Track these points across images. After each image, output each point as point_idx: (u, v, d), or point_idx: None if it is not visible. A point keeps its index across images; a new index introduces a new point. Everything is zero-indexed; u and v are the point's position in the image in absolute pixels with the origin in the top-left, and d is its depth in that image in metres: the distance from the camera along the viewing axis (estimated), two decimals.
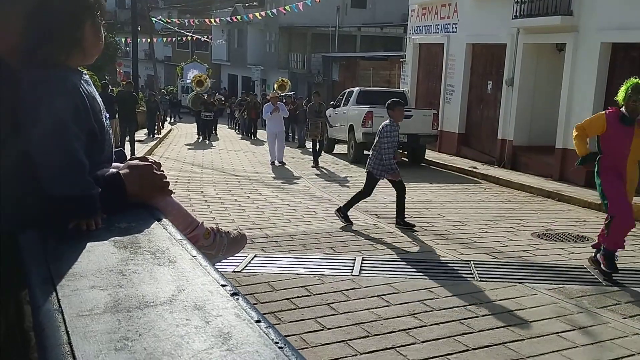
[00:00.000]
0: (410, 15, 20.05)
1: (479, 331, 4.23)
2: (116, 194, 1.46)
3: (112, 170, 1.54)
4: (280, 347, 0.87)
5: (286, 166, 14.36)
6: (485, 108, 15.89)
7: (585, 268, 5.83)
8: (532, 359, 3.78)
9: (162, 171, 1.62)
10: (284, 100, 22.19)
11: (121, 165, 1.61)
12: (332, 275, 5.48)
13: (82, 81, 1.53)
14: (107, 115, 1.64)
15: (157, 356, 0.83)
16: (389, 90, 19.48)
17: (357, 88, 17.66)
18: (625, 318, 4.49)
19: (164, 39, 45.34)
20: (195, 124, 25.11)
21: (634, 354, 3.85)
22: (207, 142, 21.73)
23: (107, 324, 0.92)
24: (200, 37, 41.55)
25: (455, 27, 16.90)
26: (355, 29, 35.50)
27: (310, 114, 15.45)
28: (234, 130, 28.21)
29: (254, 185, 11.34)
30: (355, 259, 5.99)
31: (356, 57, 31.31)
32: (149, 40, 37.79)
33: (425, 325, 4.33)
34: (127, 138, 15.57)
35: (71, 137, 1.43)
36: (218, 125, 25.72)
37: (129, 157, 1.77)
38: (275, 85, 25.48)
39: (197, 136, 23.32)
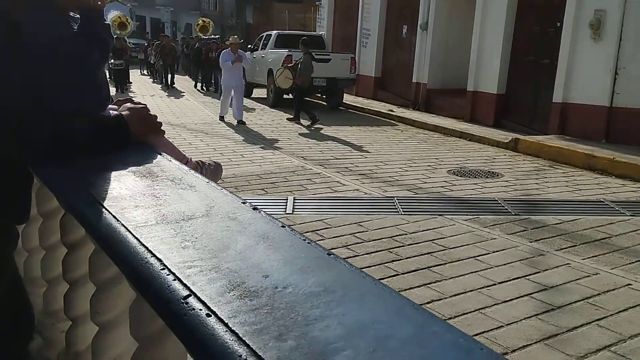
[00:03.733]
0: None
1: (406, 258, 4.66)
2: (122, 133, 1.64)
3: (113, 112, 1.71)
4: (308, 243, 1.13)
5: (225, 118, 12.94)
6: (401, 52, 16.35)
7: (496, 200, 6.42)
8: (454, 280, 4.26)
9: (153, 113, 1.81)
10: (209, 46, 20.46)
11: (116, 107, 1.78)
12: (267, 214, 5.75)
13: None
14: None
15: (219, 250, 1.07)
16: (307, 34, 19.52)
17: (275, 32, 17.62)
18: (531, 242, 5.07)
19: None
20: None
21: (539, 271, 4.41)
22: (121, 92, 19.60)
23: (165, 231, 1.14)
24: None
25: None
26: None
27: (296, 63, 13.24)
28: (149, 78, 26.36)
29: (176, 130, 11.28)
30: (287, 199, 6.28)
31: None
32: None
33: (358, 255, 4.71)
34: None
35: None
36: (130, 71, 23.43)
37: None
38: (197, 27, 24.14)
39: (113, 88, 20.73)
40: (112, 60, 19.93)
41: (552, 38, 10.78)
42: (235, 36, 14.12)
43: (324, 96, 16.45)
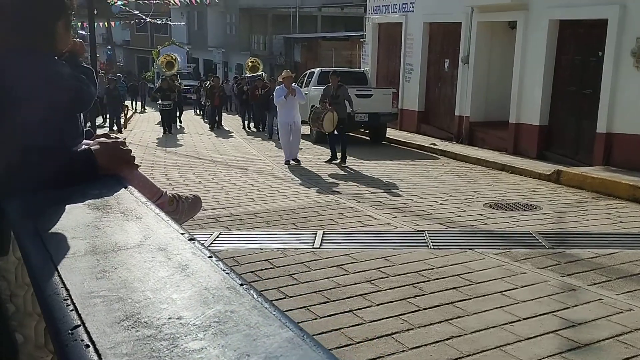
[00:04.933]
0: None
1: (430, 293, 4.55)
2: (88, 167, 1.68)
3: (83, 146, 1.76)
4: (227, 273, 1.11)
5: (296, 162, 11.74)
6: (443, 86, 16.29)
7: (531, 233, 6.22)
8: (477, 315, 4.12)
9: (128, 147, 1.84)
10: (255, 84, 19.92)
11: (90, 142, 1.83)
12: (294, 248, 5.74)
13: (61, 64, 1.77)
14: None
15: (130, 281, 1.07)
16: (349, 70, 19.71)
17: (318, 69, 17.84)
18: (563, 276, 4.87)
19: (122, 23, 44.63)
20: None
21: (568, 307, 4.22)
22: (169, 133, 18.92)
23: (89, 262, 1.15)
24: (159, 20, 40.94)
25: (413, 7, 17.18)
26: (316, 9, 35.52)
27: (324, 98, 11.98)
28: (200, 118, 26.09)
29: (218, 167, 11.50)
30: (316, 233, 6.26)
31: (317, 37, 31.43)
32: (106, 24, 37.12)
33: (381, 290, 4.63)
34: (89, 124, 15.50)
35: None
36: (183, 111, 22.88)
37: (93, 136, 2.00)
38: (247, 68, 24.05)
39: (161, 128, 19.72)
40: (160, 101, 19.53)
41: (594, 68, 10.54)
42: (288, 70, 13.18)
43: (367, 131, 16.47)
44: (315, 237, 6.13)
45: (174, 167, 11.49)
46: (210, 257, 1.19)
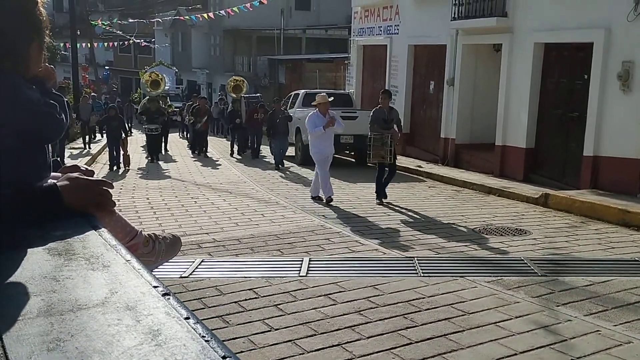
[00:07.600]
0: (353, 17, 20.31)
1: (421, 325, 4.37)
2: (52, 205, 1.49)
3: (50, 181, 1.57)
4: (207, 341, 0.93)
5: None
6: (429, 108, 16.26)
7: (522, 260, 6.08)
8: (472, 349, 3.94)
9: (106, 187, 1.63)
10: (254, 106, 17.98)
11: (58, 175, 1.64)
12: (280, 277, 5.54)
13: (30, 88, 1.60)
14: None
15: (88, 354, 0.88)
16: (334, 92, 19.65)
17: (303, 91, 17.77)
18: (558, 306, 4.72)
19: (105, 44, 44.30)
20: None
21: (566, 339, 4.06)
22: (154, 161, 16.62)
23: (40, 327, 0.96)
24: (142, 40, 40.78)
25: (397, 29, 17.21)
26: (300, 31, 35.63)
27: (376, 123, 9.99)
28: (186, 141, 24.14)
29: (201, 190, 11.28)
30: (302, 260, 6.07)
31: (302, 59, 31.45)
32: (89, 45, 36.86)
33: (371, 322, 4.44)
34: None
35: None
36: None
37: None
38: (229, 87, 22.96)
39: (145, 156, 17.56)
40: (146, 125, 17.21)
41: (580, 91, 10.54)
42: (324, 94, 10.86)
43: (352, 153, 16.36)
44: (301, 264, 5.94)
45: (156, 190, 11.24)
46: (187, 318, 1.01)
